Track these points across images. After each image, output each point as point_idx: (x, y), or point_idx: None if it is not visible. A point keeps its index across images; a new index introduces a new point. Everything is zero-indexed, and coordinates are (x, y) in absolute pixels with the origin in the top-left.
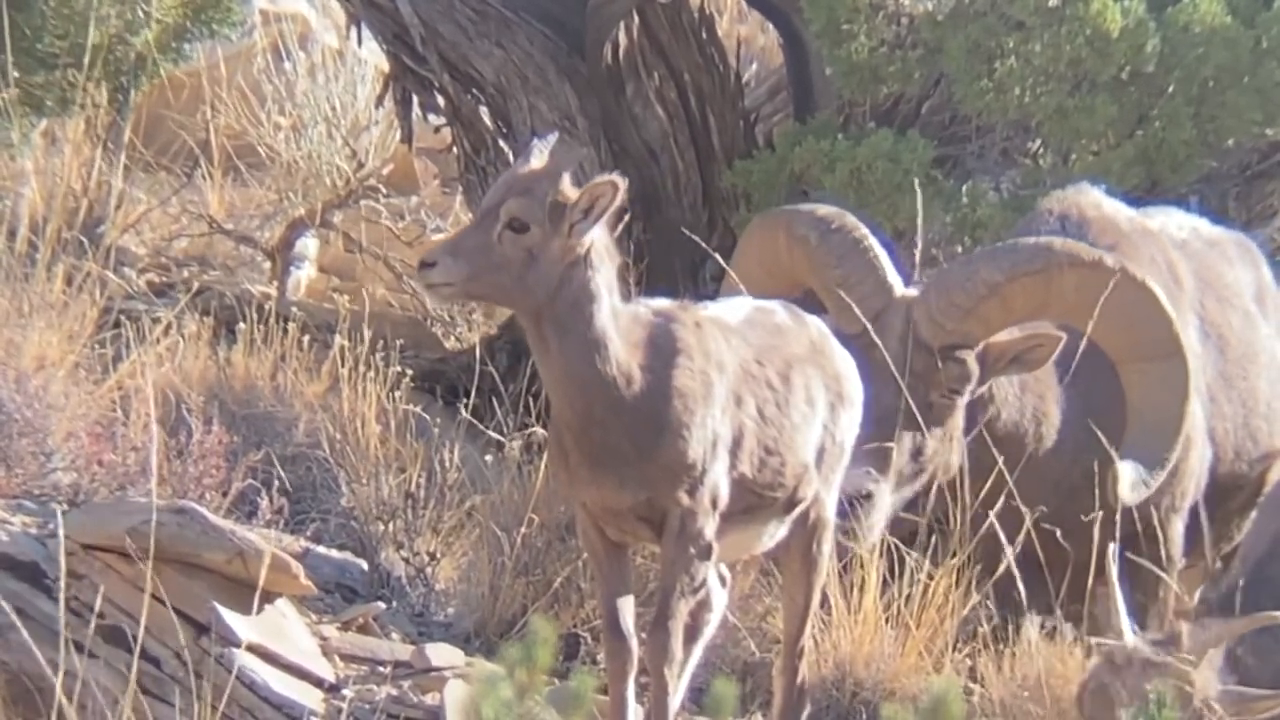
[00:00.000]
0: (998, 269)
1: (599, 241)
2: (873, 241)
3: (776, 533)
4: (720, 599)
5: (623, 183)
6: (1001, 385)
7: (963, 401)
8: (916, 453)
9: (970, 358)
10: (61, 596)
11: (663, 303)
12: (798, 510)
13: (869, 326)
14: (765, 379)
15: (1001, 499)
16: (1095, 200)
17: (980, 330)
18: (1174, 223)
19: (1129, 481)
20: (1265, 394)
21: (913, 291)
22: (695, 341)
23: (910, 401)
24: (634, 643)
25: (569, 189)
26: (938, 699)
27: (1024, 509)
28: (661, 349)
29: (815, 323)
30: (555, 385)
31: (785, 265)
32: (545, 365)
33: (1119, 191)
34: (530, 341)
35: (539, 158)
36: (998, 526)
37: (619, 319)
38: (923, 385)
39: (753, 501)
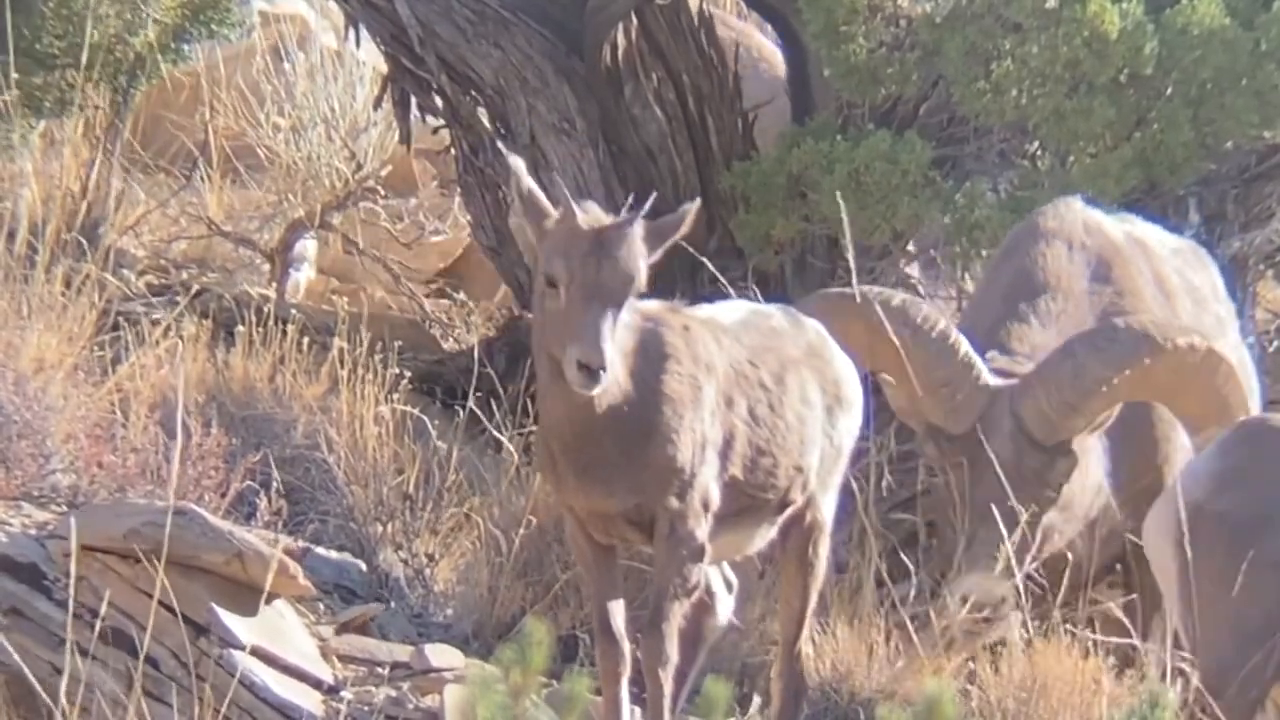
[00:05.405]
0: (1107, 365)
1: None
2: (958, 335)
3: (768, 534)
4: (726, 606)
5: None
6: None
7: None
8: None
9: (1078, 449)
10: (71, 601)
11: (652, 306)
12: (789, 511)
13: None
14: (758, 380)
15: None
16: (1084, 219)
17: (1084, 422)
18: (1138, 231)
19: None
20: None
21: (1001, 382)
22: (683, 345)
23: (1015, 501)
24: (625, 645)
25: None
26: (932, 701)
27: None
28: (650, 355)
29: (814, 326)
30: (558, 416)
31: (859, 353)
32: (553, 398)
33: (1105, 199)
34: (541, 376)
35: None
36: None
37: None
38: (1038, 482)
39: (745, 503)
